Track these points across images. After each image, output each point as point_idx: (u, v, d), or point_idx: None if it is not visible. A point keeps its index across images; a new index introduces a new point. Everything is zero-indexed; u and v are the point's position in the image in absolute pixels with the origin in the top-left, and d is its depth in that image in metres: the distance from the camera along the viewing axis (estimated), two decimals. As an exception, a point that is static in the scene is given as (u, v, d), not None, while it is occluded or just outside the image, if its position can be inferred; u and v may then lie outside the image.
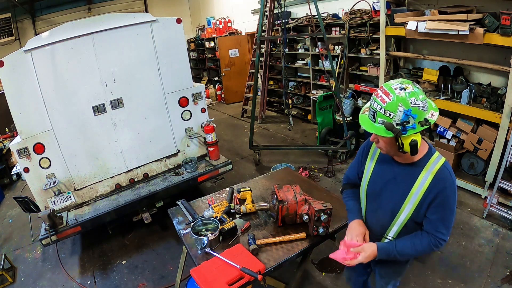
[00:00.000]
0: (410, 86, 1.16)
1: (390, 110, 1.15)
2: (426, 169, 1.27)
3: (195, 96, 3.53)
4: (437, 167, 1.26)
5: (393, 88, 1.17)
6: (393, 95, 1.15)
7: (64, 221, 2.85)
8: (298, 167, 4.49)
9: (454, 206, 1.28)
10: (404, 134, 1.15)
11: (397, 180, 1.35)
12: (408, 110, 1.13)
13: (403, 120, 1.14)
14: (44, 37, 2.74)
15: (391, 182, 1.37)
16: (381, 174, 1.42)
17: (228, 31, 8.52)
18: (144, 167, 3.45)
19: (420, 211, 1.30)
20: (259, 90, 6.95)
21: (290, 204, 1.94)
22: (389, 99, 1.16)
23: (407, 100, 1.13)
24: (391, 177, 1.37)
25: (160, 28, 3.17)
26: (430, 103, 1.20)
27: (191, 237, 1.92)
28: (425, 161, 1.29)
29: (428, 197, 1.26)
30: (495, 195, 3.08)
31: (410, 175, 1.30)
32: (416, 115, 1.14)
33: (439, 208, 1.26)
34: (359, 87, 5.15)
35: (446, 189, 1.24)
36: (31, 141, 2.80)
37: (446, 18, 3.25)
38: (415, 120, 1.14)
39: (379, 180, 1.43)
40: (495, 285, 2.44)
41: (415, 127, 1.15)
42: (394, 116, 1.15)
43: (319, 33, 4.66)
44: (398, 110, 1.14)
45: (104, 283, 2.91)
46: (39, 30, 8.28)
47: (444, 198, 1.25)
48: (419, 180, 1.28)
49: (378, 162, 1.45)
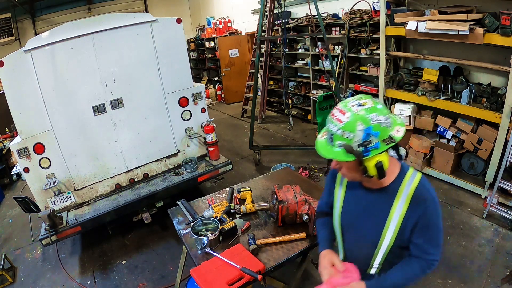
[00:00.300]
0: (369, 101, 1.04)
1: (349, 131, 1.02)
2: (400, 193, 1.13)
3: (195, 96, 3.53)
4: (412, 189, 1.12)
5: (350, 105, 1.04)
6: (349, 113, 1.02)
7: (64, 221, 2.85)
8: (298, 167, 4.49)
9: (439, 223, 1.15)
10: (366, 156, 1.03)
11: (371, 209, 1.21)
12: (368, 128, 1.00)
13: (364, 140, 1.01)
14: (44, 37, 2.74)
15: (365, 212, 1.23)
16: (353, 204, 1.28)
17: (228, 31, 8.52)
18: (144, 167, 3.45)
19: (403, 238, 1.16)
20: (259, 90, 6.95)
21: (290, 204, 1.94)
22: (346, 118, 1.02)
23: (366, 117, 1.00)
24: (363, 206, 1.23)
25: (160, 28, 3.17)
26: (394, 119, 1.09)
27: (191, 237, 1.92)
28: (398, 184, 1.14)
29: (408, 223, 1.13)
30: (495, 195, 3.08)
31: (384, 202, 1.16)
32: (378, 132, 1.01)
33: (423, 231, 1.14)
34: (359, 87, 5.15)
35: (427, 210, 1.11)
36: (31, 141, 2.80)
37: (446, 18, 3.25)
38: (378, 138, 1.02)
39: (352, 210, 1.28)
40: (495, 285, 2.44)
41: (379, 147, 1.02)
42: (353, 137, 1.01)
43: (319, 33, 4.66)
44: (357, 129, 1.01)
45: (104, 283, 2.91)
46: (39, 30, 8.28)
47: (427, 220, 1.12)
48: (394, 207, 1.14)
49: (347, 190, 1.30)
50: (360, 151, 1.03)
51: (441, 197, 3.59)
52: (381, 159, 1.05)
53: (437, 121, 3.85)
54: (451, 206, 3.43)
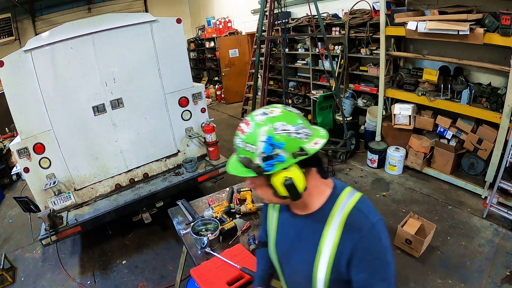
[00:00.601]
0: (278, 109, 0.92)
1: (250, 143, 0.89)
2: (331, 219, 0.95)
3: (195, 96, 3.53)
4: (345, 214, 0.94)
5: (255, 114, 0.92)
6: (252, 122, 0.90)
7: (64, 221, 2.85)
8: (298, 167, 4.48)
9: (386, 255, 0.94)
10: (268, 170, 0.88)
11: (302, 237, 1.03)
12: (269, 138, 0.87)
13: (267, 153, 0.87)
14: (44, 37, 2.74)
15: (296, 241, 1.05)
16: (285, 232, 1.11)
17: (228, 31, 8.51)
18: (144, 167, 3.45)
19: (339, 272, 0.95)
20: (259, 90, 6.95)
21: (290, 204, 1.94)
22: (248, 129, 0.90)
23: (270, 126, 0.88)
24: (294, 234, 1.06)
25: (160, 28, 3.17)
26: (315, 130, 0.95)
27: (191, 237, 1.92)
28: (329, 208, 0.96)
29: (343, 255, 0.93)
30: (495, 195, 3.08)
31: (314, 230, 0.98)
32: (282, 143, 0.87)
33: (363, 265, 0.92)
34: (359, 87, 5.15)
35: (363, 240, 0.91)
36: (31, 141, 2.80)
37: (446, 18, 3.25)
38: (283, 150, 0.87)
39: (284, 239, 1.11)
40: (495, 285, 2.44)
41: (284, 160, 0.87)
42: (256, 150, 0.88)
43: (319, 33, 4.66)
44: (259, 140, 0.87)
45: (104, 283, 2.91)
46: (39, 30, 8.27)
47: (366, 250, 0.92)
48: (324, 236, 0.95)
49: (280, 215, 1.13)
50: (259, 165, 0.88)
51: (441, 197, 3.59)
52: (290, 175, 0.88)
53: (437, 121, 3.85)
54: (451, 206, 3.43)
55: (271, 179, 0.90)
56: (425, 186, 3.84)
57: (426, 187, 3.82)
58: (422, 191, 3.75)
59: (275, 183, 0.90)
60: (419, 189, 3.80)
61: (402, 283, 2.54)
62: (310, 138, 0.91)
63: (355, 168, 4.49)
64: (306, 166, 0.93)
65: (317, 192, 0.99)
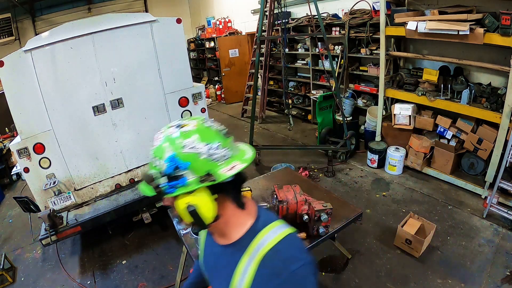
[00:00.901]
0: (195, 122, 0.82)
1: (158, 157, 0.79)
2: (246, 256, 0.83)
3: (195, 96, 3.53)
4: (261, 254, 0.81)
5: (169, 125, 0.83)
6: (162, 135, 0.82)
7: (64, 221, 2.85)
8: (298, 167, 4.49)
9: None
10: (170, 192, 0.79)
11: (218, 266, 0.94)
12: (173, 156, 0.77)
13: (168, 172, 0.77)
14: (44, 37, 2.74)
15: (214, 269, 0.98)
16: (208, 255, 1.03)
17: (228, 31, 8.51)
18: (144, 167, 3.45)
19: None
20: (259, 90, 6.95)
21: (290, 204, 1.94)
22: (158, 141, 0.82)
23: (178, 142, 0.78)
24: (213, 261, 0.98)
25: (160, 28, 3.17)
26: (240, 151, 0.84)
27: (191, 237, 1.92)
28: (246, 243, 0.84)
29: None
30: (495, 195, 3.08)
31: (229, 262, 0.88)
32: (187, 164, 0.76)
33: None
34: (359, 87, 5.15)
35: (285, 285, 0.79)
36: (31, 141, 2.80)
37: (446, 18, 3.25)
38: (188, 171, 0.76)
39: (207, 261, 1.02)
40: (495, 285, 2.44)
41: (186, 183, 0.77)
42: (161, 166, 0.79)
43: (319, 33, 4.65)
44: (165, 156, 0.78)
45: (104, 283, 2.91)
46: (39, 30, 8.27)
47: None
48: (238, 271, 0.84)
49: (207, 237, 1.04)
50: (159, 185, 0.79)
51: (441, 197, 3.59)
52: (194, 201, 0.78)
53: (437, 121, 3.85)
54: (451, 206, 3.43)
55: (175, 203, 0.81)
56: (425, 186, 3.84)
57: (426, 187, 3.82)
58: (422, 191, 3.75)
59: (178, 208, 0.80)
60: (419, 189, 3.80)
61: (402, 283, 2.55)
62: (227, 161, 0.79)
63: (355, 168, 4.49)
64: (220, 192, 0.81)
65: (235, 222, 0.87)
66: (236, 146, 0.85)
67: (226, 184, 0.79)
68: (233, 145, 0.84)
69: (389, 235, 3.02)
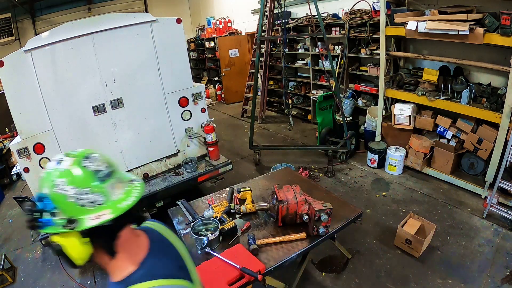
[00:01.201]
0: (69, 162, 0.78)
1: (40, 188, 0.78)
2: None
3: (195, 96, 3.53)
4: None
5: (54, 158, 0.80)
6: (49, 166, 0.79)
7: (64, 221, 2.84)
8: (298, 167, 4.49)
9: None
10: (40, 228, 0.75)
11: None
12: (45, 193, 0.75)
13: (40, 207, 0.75)
14: (44, 37, 2.74)
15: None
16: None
17: (228, 31, 8.51)
18: (144, 167, 3.45)
19: None
20: (259, 90, 6.95)
21: (290, 204, 1.94)
22: (43, 172, 0.79)
23: (51, 180, 0.75)
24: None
25: (160, 28, 3.17)
26: (120, 198, 0.80)
27: (191, 237, 1.92)
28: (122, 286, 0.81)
29: None
30: (495, 195, 3.08)
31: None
32: (54, 204, 0.74)
33: None
34: (359, 87, 5.15)
35: None
36: (31, 141, 2.80)
37: (446, 18, 3.25)
38: (55, 211, 0.74)
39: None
40: (495, 285, 2.44)
41: (51, 224, 0.74)
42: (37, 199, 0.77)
43: (319, 33, 4.65)
44: (42, 190, 0.77)
45: (104, 283, 2.91)
46: (39, 30, 8.27)
47: None
48: None
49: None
50: (31, 217, 0.74)
51: (441, 197, 3.59)
52: (61, 241, 0.75)
53: (437, 121, 3.85)
54: (451, 206, 3.43)
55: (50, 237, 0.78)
56: (425, 186, 3.84)
57: (426, 187, 3.82)
58: (422, 191, 3.75)
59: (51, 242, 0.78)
60: (419, 189, 3.80)
61: (402, 283, 2.54)
62: (96, 208, 0.75)
63: (355, 168, 4.49)
64: (91, 237, 0.76)
65: (114, 265, 0.82)
66: (116, 190, 0.80)
67: (96, 229, 0.75)
68: (112, 190, 0.79)
69: (389, 235, 3.02)
